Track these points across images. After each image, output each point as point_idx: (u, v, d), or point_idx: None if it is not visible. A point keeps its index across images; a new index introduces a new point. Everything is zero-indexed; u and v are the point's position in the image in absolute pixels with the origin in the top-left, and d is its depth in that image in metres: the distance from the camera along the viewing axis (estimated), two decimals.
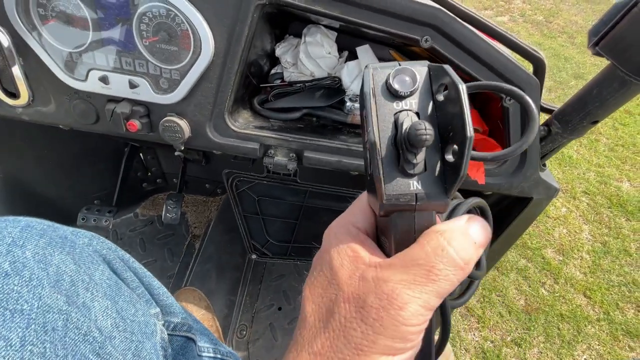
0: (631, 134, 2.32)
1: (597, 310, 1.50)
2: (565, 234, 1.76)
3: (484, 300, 1.47)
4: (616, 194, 1.96)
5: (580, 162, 2.12)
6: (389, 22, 0.45)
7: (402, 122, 0.21)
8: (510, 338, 1.38)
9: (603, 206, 1.90)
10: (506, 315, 1.44)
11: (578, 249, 1.70)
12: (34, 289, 0.24)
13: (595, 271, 1.63)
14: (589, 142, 2.25)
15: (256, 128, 0.56)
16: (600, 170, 2.08)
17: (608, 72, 0.44)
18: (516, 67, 0.48)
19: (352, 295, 0.21)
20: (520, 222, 0.62)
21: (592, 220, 1.83)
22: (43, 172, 0.89)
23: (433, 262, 0.20)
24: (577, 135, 0.52)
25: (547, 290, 1.54)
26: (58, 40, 0.49)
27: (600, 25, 0.43)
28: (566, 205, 1.88)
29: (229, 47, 0.48)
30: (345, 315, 0.21)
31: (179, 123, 0.53)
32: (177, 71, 0.50)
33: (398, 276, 0.20)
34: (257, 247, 0.74)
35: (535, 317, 1.44)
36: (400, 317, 0.20)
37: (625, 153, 2.20)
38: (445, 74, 0.21)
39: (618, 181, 2.03)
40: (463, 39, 0.46)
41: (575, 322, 1.45)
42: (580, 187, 1.97)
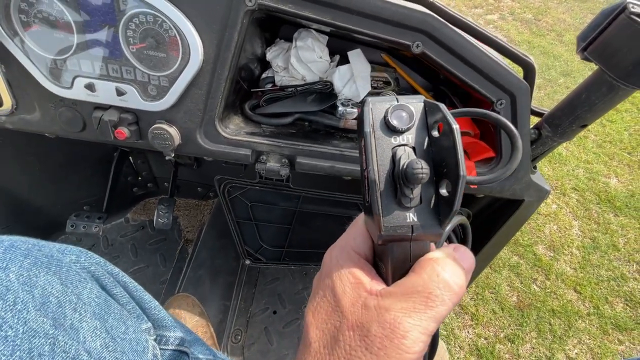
0: (618, 131, 2.36)
1: (587, 305, 1.53)
2: (556, 230, 1.79)
3: (477, 298, 1.49)
4: (604, 190, 2.00)
5: (569, 159, 2.15)
6: (379, 27, 0.45)
7: (400, 158, 0.23)
8: (503, 334, 1.40)
9: (592, 202, 1.93)
10: (499, 312, 1.46)
11: (568, 244, 1.73)
12: (19, 313, 0.23)
13: (585, 266, 1.66)
14: (578, 139, 2.28)
15: (247, 134, 0.55)
16: (589, 167, 2.11)
17: (596, 76, 0.44)
18: (506, 71, 0.48)
19: (356, 323, 0.22)
20: (512, 224, 0.62)
21: (582, 217, 1.86)
22: (30, 180, 0.87)
23: (430, 289, 0.21)
24: (566, 139, 0.52)
25: (539, 286, 1.56)
26: (41, 47, 0.47)
27: (589, 30, 0.43)
28: (556, 202, 1.91)
29: (218, 54, 0.47)
30: (350, 344, 0.22)
31: (169, 130, 0.52)
32: (166, 78, 0.49)
33: (399, 304, 0.21)
34: (250, 253, 0.73)
35: (527, 313, 1.46)
36: (403, 345, 0.20)
37: (613, 150, 2.24)
38: (440, 112, 0.21)
39: (606, 177, 2.07)
40: (454, 44, 0.46)
41: (566, 317, 1.47)
42: (569, 184, 2.01)
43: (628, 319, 1.48)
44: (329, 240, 0.87)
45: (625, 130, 2.38)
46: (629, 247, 1.76)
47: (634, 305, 1.54)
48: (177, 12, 0.44)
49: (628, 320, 1.47)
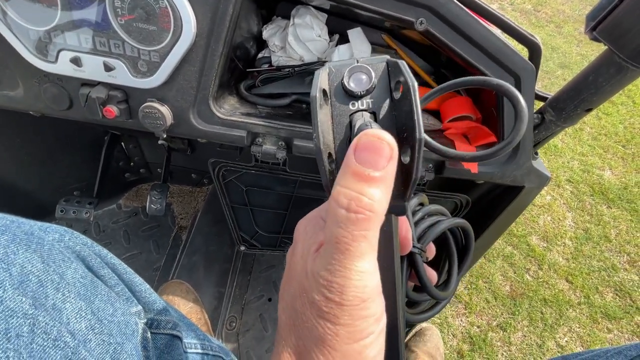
0: (613, 124, 2.37)
1: (578, 294, 1.55)
2: (550, 221, 1.80)
3: (471, 287, 1.50)
4: (598, 182, 2.01)
5: (564, 151, 2.16)
6: (382, 2, 0.43)
7: (355, 124, 0.20)
8: (495, 323, 1.41)
9: (586, 194, 1.95)
10: (492, 301, 1.47)
11: (561, 235, 1.74)
12: None
13: (577, 257, 1.68)
14: (574, 132, 2.29)
15: (243, 115, 0.53)
16: (583, 159, 2.12)
17: (605, 57, 0.43)
18: (512, 52, 0.46)
19: (304, 291, 0.21)
20: (511, 211, 0.62)
21: (575, 208, 1.88)
22: (16, 164, 0.84)
23: (333, 232, 0.19)
24: (570, 123, 0.51)
25: (532, 276, 1.58)
26: (24, 18, 0.44)
27: (598, 10, 0.42)
28: (551, 194, 1.92)
29: (212, 27, 0.45)
30: (305, 312, 0.20)
31: (160, 109, 0.50)
32: (157, 53, 0.46)
33: (322, 264, 0.19)
34: (245, 239, 0.72)
35: (519, 302, 1.48)
36: (345, 302, 0.19)
37: (608, 142, 2.25)
38: (400, 70, 0.19)
39: (600, 170, 2.09)
40: (459, 21, 0.44)
41: (558, 306, 1.49)
42: (564, 176, 2.02)
43: (617, 308, 1.50)
44: None
45: (621, 123, 2.39)
46: (620, 239, 1.78)
47: (623, 295, 1.57)
48: None
49: (617, 310, 1.49)
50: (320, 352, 0.20)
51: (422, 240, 0.32)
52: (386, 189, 0.18)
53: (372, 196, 0.18)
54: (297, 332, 0.21)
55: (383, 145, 0.18)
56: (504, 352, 1.33)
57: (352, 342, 0.20)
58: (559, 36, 3.13)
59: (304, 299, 0.20)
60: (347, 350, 0.20)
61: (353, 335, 0.20)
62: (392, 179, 0.18)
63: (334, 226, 0.19)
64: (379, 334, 0.21)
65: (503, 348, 1.35)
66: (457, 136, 0.58)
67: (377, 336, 0.21)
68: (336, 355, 0.20)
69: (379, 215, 0.18)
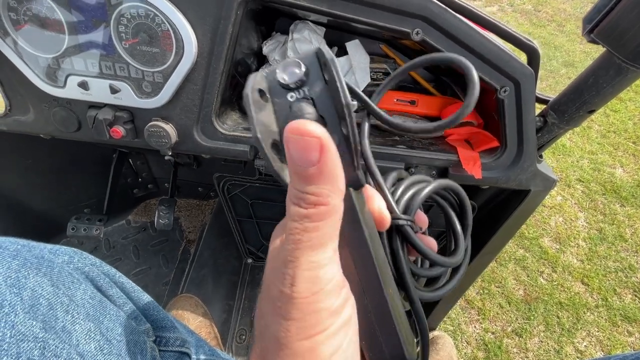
0: (622, 120, 2.33)
1: (595, 296, 1.51)
2: (562, 222, 1.77)
3: (483, 292, 1.47)
4: (610, 180, 1.97)
5: (573, 150, 2.12)
6: (378, 15, 0.44)
7: (289, 115, 0.21)
8: (510, 328, 1.38)
9: (597, 193, 1.91)
10: (506, 306, 1.44)
11: (574, 236, 1.71)
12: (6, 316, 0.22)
13: (592, 258, 1.64)
14: (582, 130, 2.25)
15: (245, 130, 0.54)
16: (593, 158, 2.09)
17: (604, 59, 0.42)
18: (510, 57, 0.46)
19: (267, 289, 0.20)
20: (518, 215, 0.61)
21: (588, 208, 1.84)
22: (29, 184, 0.86)
23: (288, 226, 0.19)
24: (573, 125, 0.51)
25: (546, 279, 1.55)
26: (33, 46, 0.46)
27: (595, 12, 0.42)
28: (561, 194, 1.89)
29: (213, 47, 0.46)
30: (266, 311, 0.20)
31: (165, 128, 0.51)
32: (160, 74, 0.48)
33: (281, 258, 0.19)
34: (252, 251, 0.72)
35: (534, 307, 1.45)
36: (295, 293, 0.18)
37: (617, 139, 2.21)
38: (323, 54, 0.20)
39: (611, 167, 2.05)
40: (455, 30, 0.44)
41: (574, 309, 1.45)
42: (574, 175, 1.98)
43: (637, 310, 1.46)
44: None
45: (630, 119, 2.35)
46: (637, 238, 1.74)
47: None
48: (169, 4, 0.43)
49: (637, 312, 1.45)
50: (275, 352, 0.19)
51: (408, 211, 0.29)
52: (329, 178, 0.18)
53: (315, 192, 0.18)
54: (261, 334, 0.20)
55: (307, 140, 0.17)
56: (521, 358, 1.30)
57: (302, 338, 0.18)
58: (562, 35, 3.11)
59: (267, 297, 0.20)
60: (297, 348, 0.18)
61: (303, 331, 0.18)
62: (334, 164, 0.18)
63: (289, 220, 0.19)
64: (338, 330, 0.19)
65: (519, 355, 1.31)
66: (460, 142, 0.58)
67: (336, 332, 0.19)
68: (288, 354, 0.18)
69: (330, 206, 0.18)
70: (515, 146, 0.53)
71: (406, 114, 0.60)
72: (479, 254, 0.69)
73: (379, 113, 0.28)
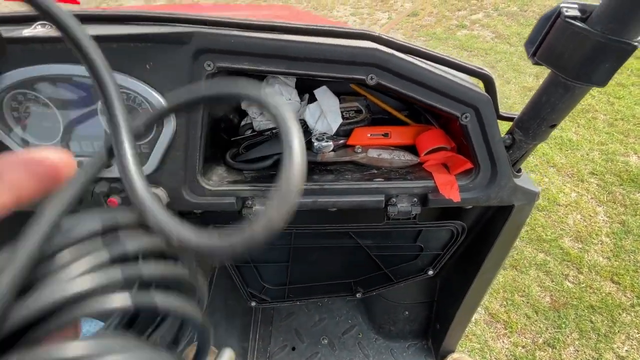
0: (629, 106, 2.28)
1: (629, 295, 1.42)
2: (580, 219, 1.70)
3: (507, 304, 1.42)
4: (625, 169, 1.91)
5: (581, 143, 2.08)
6: (333, 68, 0.48)
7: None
8: (542, 340, 1.31)
9: (614, 184, 1.84)
10: (533, 316, 1.38)
11: (596, 233, 1.64)
12: None
13: (619, 254, 1.56)
14: (587, 121, 2.21)
15: (230, 183, 0.58)
16: (603, 148, 2.03)
17: (551, 79, 0.44)
18: (463, 87, 0.49)
19: None
20: (507, 231, 0.61)
21: (606, 201, 1.77)
22: None
23: None
24: (540, 140, 0.52)
25: (572, 282, 1.48)
26: (34, 136, 0.52)
27: (534, 36, 0.44)
28: (575, 190, 1.83)
29: (189, 117, 0.51)
30: None
31: (156, 192, 0.55)
32: (146, 145, 0.53)
33: None
34: (254, 294, 0.74)
35: (564, 313, 1.38)
36: None
37: (627, 126, 2.15)
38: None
39: (624, 156, 1.98)
40: (405, 70, 0.47)
41: (608, 311, 1.37)
42: (586, 169, 1.93)
43: None
44: (328, 272, 0.87)
45: (636, 104, 2.29)
46: None
47: None
48: (146, 86, 0.48)
49: None
50: None
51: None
52: None
53: None
54: None
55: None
56: None
57: None
58: None
59: None
60: None
61: None
62: None
63: None
64: None
65: None
66: (437, 167, 0.60)
67: None
68: None
69: None
70: (488, 166, 0.55)
71: (381, 147, 0.63)
72: (478, 274, 0.69)
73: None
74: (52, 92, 0.49)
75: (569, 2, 0.40)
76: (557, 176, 1.89)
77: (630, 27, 0.35)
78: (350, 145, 0.63)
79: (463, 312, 0.80)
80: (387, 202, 0.57)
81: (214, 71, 0.48)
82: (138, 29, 0.45)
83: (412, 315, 0.97)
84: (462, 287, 0.75)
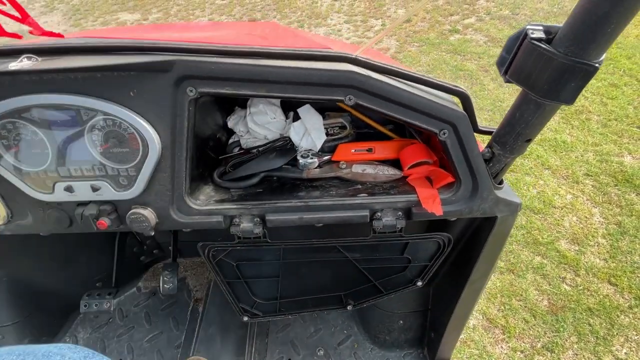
0: (622, 106, 2.29)
1: (627, 296, 1.42)
2: (576, 221, 1.71)
3: (505, 308, 1.41)
4: (620, 170, 1.91)
5: (575, 145, 2.09)
6: (312, 91, 0.49)
7: None
8: (540, 344, 1.31)
9: (609, 185, 1.85)
10: (531, 320, 1.38)
11: (592, 235, 1.64)
12: None
13: (615, 255, 1.56)
14: (580, 123, 2.22)
15: (217, 202, 0.59)
16: (598, 149, 2.04)
17: (523, 97, 0.46)
18: (440, 105, 0.50)
19: None
20: (493, 241, 0.62)
21: (601, 202, 1.78)
22: (42, 268, 0.93)
23: None
24: (518, 153, 0.53)
25: (569, 285, 1.48)
26: (24, 162, 0.54)
27: (504, 56, 0.46)
28: (570, 192, 1.84)
29: (174, 139, 0.52)
30: None
31: (144, 213, 0.56)
32: (133, 168, 0.54)
33: None
34: (246, 309, 0.75)
35: (562, 317, 1.38)
36: None
37: (620, 126, 2.17)
38: None
39: (619, 156, 1.99)
40: (382, 90, 0.49)
41: (606, 314, 1.37)
42: (581, 170, 1.94)
43: None
44: (318, 286, 0.87)
45: (629, 104, 2.31)
46: None
47: None
48: (131, 113, 0.49)
49: None
50: None
51: None
52: None
53: None
54: None
55: None
56: None
57: None
58: None
59: None
60: None
61: None
62: None
63: None
64: None
65: None
66: (420, 180, 0.61)
67: None
68: None
69: None
70: (469, 179, 0.56)
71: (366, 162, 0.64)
72: (467, 282, 0.69)
73: None
74: (40, 119, 0.50)
75: (534, 24, 0.41)
76: (552, 178, 1.90)
77: (590, 49, 0.37)
78: (335, 161, 0.64)
79: (456, 320, 0.81)
80: (372, 216, 0.58)
81: (196, 96, 0.49)
82: (120, 59, 0.47)
83: (406, 324, 0.97)
84: (453, 296, 0.76)
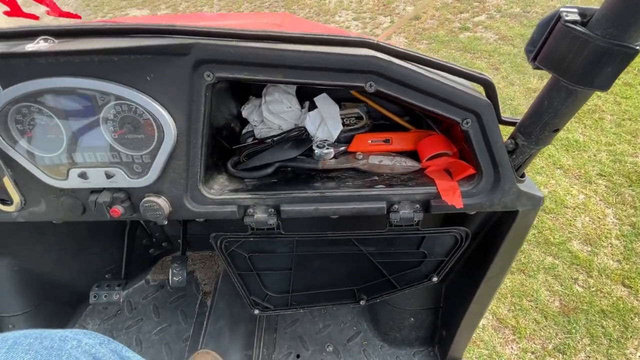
0: (636, 106, 2.24)
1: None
2: (589, 222, 1.67)
3: (515, 309, 1.39)
4: (634, 170, 1.87)
5: (588, 144, 2.05)
6: (331, 76, 0.48)
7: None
8: (552, 345, 1.29)
9: (623, 185, 1.81)
10: (543, 321, 1.35)
11: (606, 235, 1.61)
12: None
13: (629, 257, 1.53)
14: (593, 122, 2.18)
15: (231, 191, 0.58)
16: (611, 149, 2.00)
17: (553, 83, 0.44)
18: (463, 92, 0.48)
19: None
20: (513, 237, 0.60)
21: (615, 203, 1.74)
22: (53, 259, 0.93)
23: None
24: (543, 145, 0.51)
25: (582, 286, 1.45)
26: (38, 148, 0.53)
27: (533, 41, 0.44)
28: (583, 192, 1.81)
29: (190, 126, 0.51)
30: None
31: (157, 201, 0.55)
32: (148, 155, 0.53)
33: None
34: (257, 302, 0.74)
35: (574, 318, 1.35)
36: None
37: (634, 126, 2.12)
38: None
39: (633, 156, 1.95)
40: (404, 77, 0.47)
41: (620, 316, 1.34)
42: (594, 170, 1.90)
43: None
44: (331, 280, 0.86)
45: None
46: None
47: None
48: (147, 98, 0.48)
49: None
50: None
51: None
52: None
53: None
54: None
55: None
56: None
57: None
58: None
59: None
60: None
61: None
62: None
63: None
64: None
65: None
66: (439, 173, 0.59)
67: None
68: None
69: None
70: (491, 171, 0.54)
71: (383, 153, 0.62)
72: (484, 279, 0.68)
73: None
74: (56, 104, 0.50)
75: (568, 6, 0.40)
76: (564, 178, 1.87)
77: (631, 31, 0.35)
78: (352, 152, 0.62)
79: (469, 318, 0.79)
80: (389, 208, 0.57)
81: (213, 81, 0.48)
82: (138, 41, 0.46)
83: (417, 321, 0.95)
84: (468, 293, 0.74)
